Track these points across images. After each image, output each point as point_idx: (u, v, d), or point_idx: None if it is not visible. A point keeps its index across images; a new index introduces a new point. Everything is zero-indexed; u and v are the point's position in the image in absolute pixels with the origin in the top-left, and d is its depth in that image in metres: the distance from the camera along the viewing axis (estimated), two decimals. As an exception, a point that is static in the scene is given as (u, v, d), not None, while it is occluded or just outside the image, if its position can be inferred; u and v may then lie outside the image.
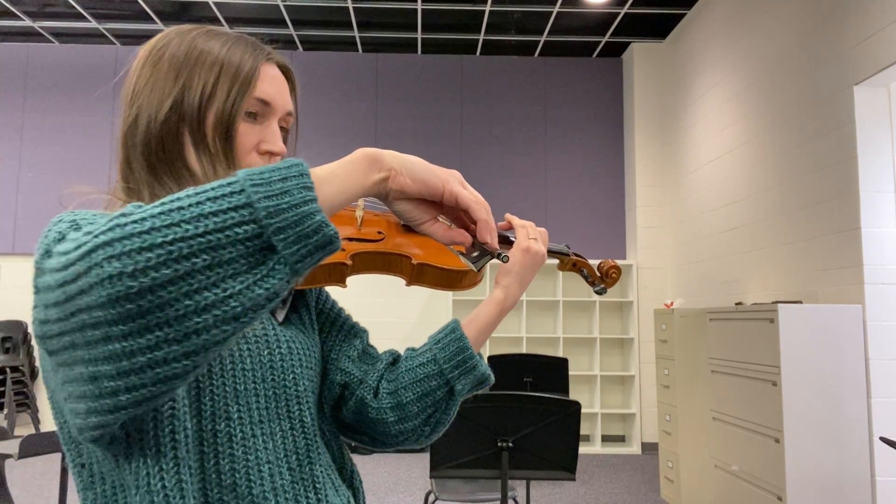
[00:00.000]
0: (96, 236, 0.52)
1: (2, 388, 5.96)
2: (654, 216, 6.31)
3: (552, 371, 3.73)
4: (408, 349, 0.94)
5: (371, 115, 6.69)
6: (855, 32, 3.49)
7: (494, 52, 6.77)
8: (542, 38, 6.41)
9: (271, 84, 0.81)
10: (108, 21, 6.18)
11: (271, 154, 0.81)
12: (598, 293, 1.10)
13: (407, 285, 0.91)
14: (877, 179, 3.42)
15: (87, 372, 0.56)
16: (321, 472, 0.81)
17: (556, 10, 5.81)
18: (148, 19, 6.10)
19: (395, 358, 0.95)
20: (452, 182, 0.72)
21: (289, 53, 6.76)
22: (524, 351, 6.35)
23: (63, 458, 2.27)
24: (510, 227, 0.97)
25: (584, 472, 5.34)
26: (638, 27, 6.16)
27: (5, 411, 5.91)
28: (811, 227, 3.84)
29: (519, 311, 6.48)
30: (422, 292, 6.55)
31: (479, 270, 0.86)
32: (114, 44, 6.70)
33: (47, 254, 0.60)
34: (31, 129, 6.59)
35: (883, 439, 2.51)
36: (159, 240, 0.51)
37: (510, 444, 2.26)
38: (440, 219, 0.75)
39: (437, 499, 2.88)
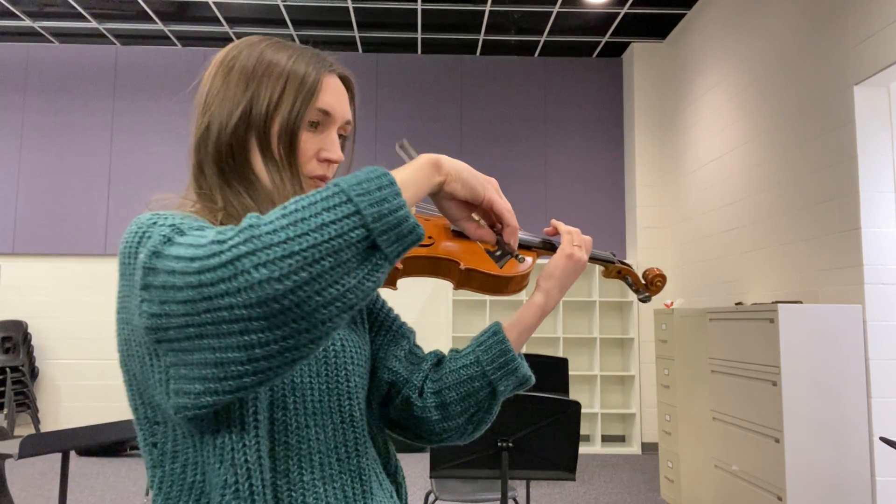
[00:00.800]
0: (236, 246, 0.61)
1: (2, 388, 5.96)
2: (654, 216, 6.31)
3: (552, 371, 3.72)
4: (451, 350, 0.99)
5: (371, 115, 6.69)
6: (855, 32, 3.49)
7: (494, 52, 6.77)
8: (542, 38, 6.41)
9: (332, 95, 0.87)
10: (108, 21, 6.18)
11: (330, 161, 0.87)
12: (643, 301, 1.14)
13: (455, 289, 0.97)
14: (877, 179, 3.42)
15: (213, 358, 0.64)
16: (367, 464, 0.86)
17: (556, 10, 5.80)
18: (148, 19, 6.10)
19: (439, 359, 0.99)
20: (490, 190, 0.81)
21: (289, 53, 6.75)
22: (524, 351, 6.35)
23: (63, 458, 2.27)
24: (556, 233, 1.03)
25: (584, 472, 5.34)
26: (638, 27, 6.16)
27: (5, 411, 5.91)
28: (811, 227, 3.84)
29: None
30: (421, 292, 6.55)
31: (501, 268, 0.92)
32: (114, 44, 6.70)
33: (156, 255, 0.66)
34: (31, 129, 6.59)
35: (883, 439, 2.51)
36: (296, 248, 0.60)
37: (510, 444, 2.26)
38: (473, 216, 0.83)
39: (437, 499, 2.88)
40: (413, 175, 0.72)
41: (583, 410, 6.13)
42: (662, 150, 6.37)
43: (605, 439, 6.32)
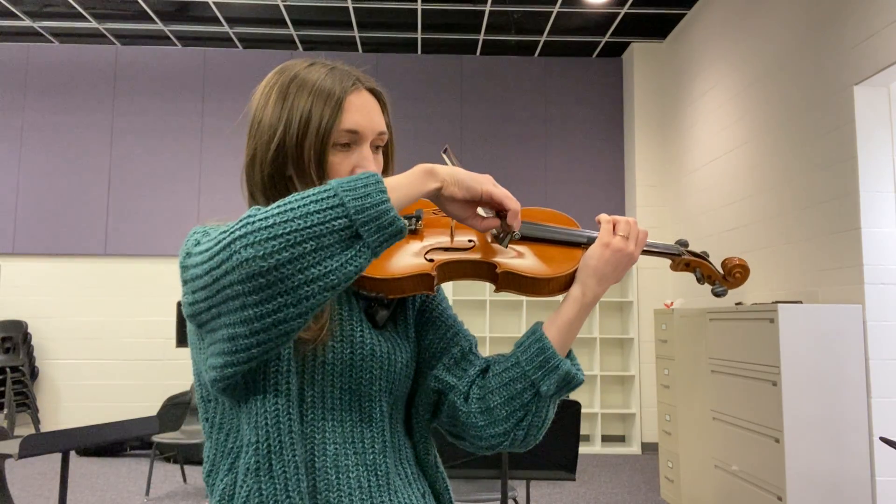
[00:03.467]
0: (232, 232, 0.72)
1: (2, 388, 5.96)
2: (654, 216, 6.31)
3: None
4: (498, 355, 0.98)
5: (371, 115, 6.69)
6: (855, 32, 3.49)
7: (494, 52, 6.77)
8: (542, 38, 6.41)
9: (357, 112, 0.91)
10: (108, 21, 6.18)
11: None
12: (717, 295, 1.02)
13: (496, 291, 0.95)
14: (877, 179, 3.42)
15: (227, 333, 0.75)
16: (386, 461, 0.90)
17: (556, 10, 5.81)
18: (148, 19, 6.10)
19: (489, 365, 0.97)
20: (487, 184, 0.86)
21: (289, 53, 6.76)
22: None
23: (63, 458, 2.27)
24: None
25: (584, 472, 5.34)
26: (638, 27, 6.16)
27: (5, 411, 5.91)
28: (811, 227, 3.84)
29: (518, 311, 6.48)
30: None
31: (506, 247, 0.94)
32: (114, 44, 6.70)
33: (188, 255, 0.79)
34: (31, 129, 6.59)
35: (883, 439, 2.51)
36: (280, 231, 0.70)
37: (510, 444, 2.25)
38: (479, 211, 0.88)
39: (437, 499, 2.88)
40: (405, 180, 0.81)
41: (583, 410, 6.13)
42: (662, 150, 6.37)
43: (605, 439, 6.32)
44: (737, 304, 4.36)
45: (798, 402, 3.12)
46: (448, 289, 6.47)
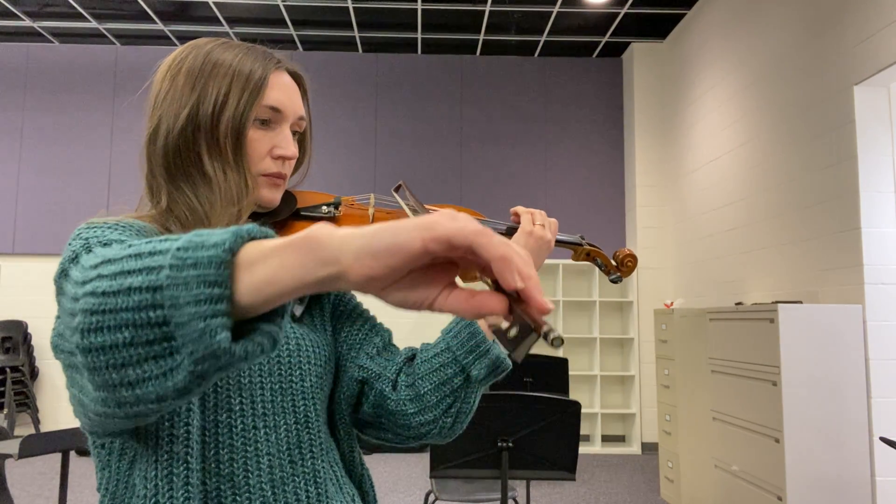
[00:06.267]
0: (83, 284, 0.50)
1: (2, 388, 5.96)
2: (654, 216, 6.31)
3: (552, 371, 3.72)
4: (423, 344, 0.94)
5: (371, 115, 6.69)
6: (855, 32, 3.49)
7: (494, 52, 6.76)
8: (542, 38, 6.41)
9: (281, 91, 0.85)
10: (108, 21, 6.18)
11: (284, 158, 0.85)
12: (614, 282, 1.12)
13: None
14: (877, 179, 3.42)
15: (76, 395, 0.59)
16: (324, 467, 0.83)
17: (556, 10, 5.80)
18: (148, 19, 6.10)
19: (414, 353, 0.95)
20: (437, 226, 0.44)
21: (289, 53, 6.67)
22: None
23: (63, 458, 2.27)
24: (519, 220, 1.00)
25: (584, 472, 5.34)
26: (638, 27, 6.16)
27: (5, 411, 5.91)
28: (811, 227, 3.84)
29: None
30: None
31: (520, 359, 0.48)
32: (114, 44, 6.70)
33: (64, 273, 0.63)
34: (31, 129, 6.59)
35: (883, 439, 2.51)
36: (102, 305, 0.48)
37: (510, 444, 2.26)
38: (459, 281, 0.55)
39: (437, 499, 2.88)
40: (275, 252, 0.46)
41: (583, 410, 6.12)
42: (662, 150, 6.37)
43: (605, 439, 6.32)
44: (737, 304, 4.36)
45: (798, 402, 3.12)
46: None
